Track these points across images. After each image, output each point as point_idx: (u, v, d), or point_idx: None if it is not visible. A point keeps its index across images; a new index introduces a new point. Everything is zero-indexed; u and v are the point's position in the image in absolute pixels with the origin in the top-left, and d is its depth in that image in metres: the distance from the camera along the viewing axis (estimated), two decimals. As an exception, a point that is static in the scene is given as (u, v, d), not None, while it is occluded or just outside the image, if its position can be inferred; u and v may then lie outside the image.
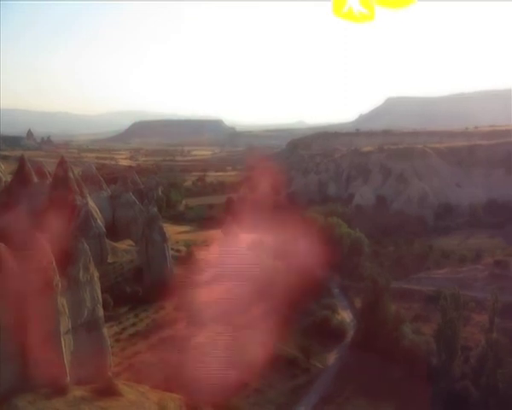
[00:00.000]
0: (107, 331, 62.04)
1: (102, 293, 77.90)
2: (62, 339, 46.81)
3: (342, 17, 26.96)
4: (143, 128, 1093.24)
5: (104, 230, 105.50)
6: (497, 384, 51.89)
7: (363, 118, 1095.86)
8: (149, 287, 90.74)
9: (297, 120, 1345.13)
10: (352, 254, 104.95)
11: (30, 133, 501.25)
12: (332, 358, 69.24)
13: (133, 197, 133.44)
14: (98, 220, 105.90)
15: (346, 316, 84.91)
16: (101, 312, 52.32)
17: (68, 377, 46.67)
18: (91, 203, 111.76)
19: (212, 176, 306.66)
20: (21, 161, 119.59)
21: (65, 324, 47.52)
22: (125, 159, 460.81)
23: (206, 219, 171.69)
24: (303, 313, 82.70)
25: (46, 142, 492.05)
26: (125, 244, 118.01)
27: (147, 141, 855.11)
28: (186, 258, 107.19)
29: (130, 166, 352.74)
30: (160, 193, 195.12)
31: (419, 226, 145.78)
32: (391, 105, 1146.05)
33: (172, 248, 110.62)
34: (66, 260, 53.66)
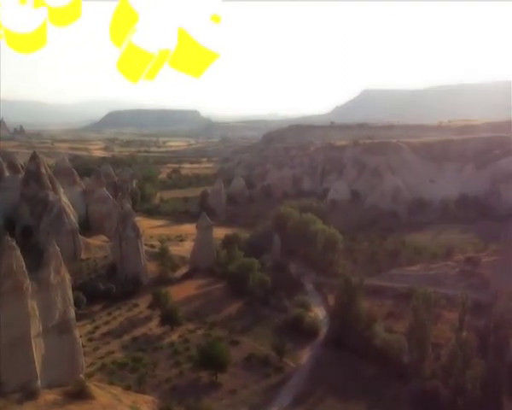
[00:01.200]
0: (79, 331, 61.78)
1: (75, 290, 77.84)
2: (33, 342, 46.30)
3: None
4: (118, 118, 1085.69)
5: (77, 226, 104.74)
6: (465, 385, 52.72)
7: (339, 110, 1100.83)
8: (123, 284, 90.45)
9: (272, 112, 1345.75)
10: (326, 251, 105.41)
11: (2, 123, 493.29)
12: (305, 356, 69.38)
13: (107, 192, 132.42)
14: (71, 216, 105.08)
15: (319, 313, 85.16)
16: (72, 314, 51.81)
17: (39, 381, 46.23)
18: (64, 199, 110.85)
19: (187, 168, 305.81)
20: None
21: (35, 327, 46.99)
22: (99, 149, 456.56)
23: (181, 213, 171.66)
24: (276, 311, 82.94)
25: (19, 132, 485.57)
26: (98, 240, 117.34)
27: (121, 131, 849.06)
28: (160, 254, 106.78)
29: (104, 158, 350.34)
30: (134, 186, 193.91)
31: (393, 221, 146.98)
32: (367, 97, 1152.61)
33: (146, 244, 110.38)
34: (38, 257, 53.41)
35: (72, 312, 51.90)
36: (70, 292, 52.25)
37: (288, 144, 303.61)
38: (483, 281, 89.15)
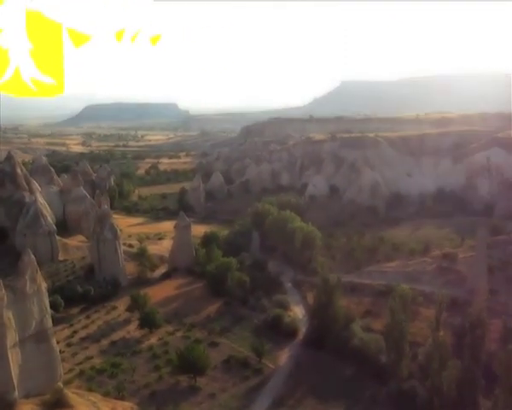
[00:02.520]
0: (57, 335, 61.76)
1: (54, 293, 77.56)
2: (9, 353, 46.02)
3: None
4: (96, 112, 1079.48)
5: (54, 227, 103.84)
6: (441, 386, 53.37)
7: (318, 102, 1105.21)
8: (101, 286, 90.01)
9: (251, 104, 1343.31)
10: (304, 249, 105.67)
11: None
12: (284, 357, 69.67)
13: (84, 191, 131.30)
14: (48, 218, 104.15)
15: (298, 312, 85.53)
16: (49, 323, 51.53)
17: (16, 392, 46.01)
18: (41, 199, 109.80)
19: (166, 163, 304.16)
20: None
21: (12, 337, 46.70)
22: (77, 144, 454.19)
23: (160, 210, 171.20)
24: (255, 311, 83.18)
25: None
26: (76, 240, 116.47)
27: (99, 125, 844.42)
28: (139, 254, 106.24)
29: (81, 153, 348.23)
30: (112, 183, 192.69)
31: (370, 217, 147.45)
32: (345, 89, 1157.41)
33: (125, 243, 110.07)
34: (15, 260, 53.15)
35: (49, 321, 51.63)
36: (46, 301, 51.93)
37: (266, 138, 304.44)
38: (460, 278, 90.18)
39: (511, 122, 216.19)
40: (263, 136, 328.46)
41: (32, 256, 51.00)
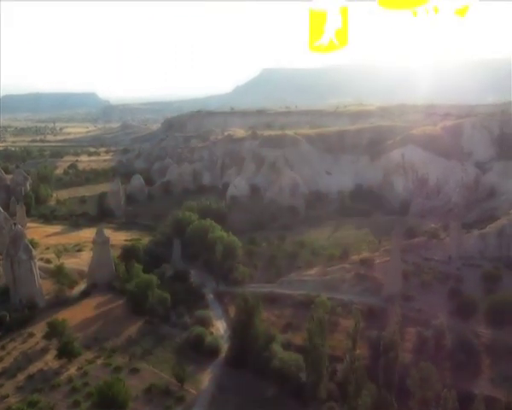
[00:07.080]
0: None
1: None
2: None
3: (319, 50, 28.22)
4: (11, 103, 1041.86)
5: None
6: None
7: (240, 90, 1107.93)
8: (17, 309, 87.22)
9: (174, 92, 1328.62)
10: (225, 259, 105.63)
11: None
12: (206, 380, 69.48)
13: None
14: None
15: (220, 327, 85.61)
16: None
17: None
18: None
19: (85, 161, 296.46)
20: None
21: None
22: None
23: (79, 216, 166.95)
24: (177, 328, 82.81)
25: None
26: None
27: (16, 117, 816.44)
28: (56, 271, 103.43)
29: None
30: (28, 188, 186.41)
31: (291, 217, 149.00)
32: (267, 76, 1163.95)
33: (42, 258, 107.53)
34: None
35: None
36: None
37: (188, 132, 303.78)
38: (376, 285, 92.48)
39: (427, 115, 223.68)
40: (184, 130, 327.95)
41: None
